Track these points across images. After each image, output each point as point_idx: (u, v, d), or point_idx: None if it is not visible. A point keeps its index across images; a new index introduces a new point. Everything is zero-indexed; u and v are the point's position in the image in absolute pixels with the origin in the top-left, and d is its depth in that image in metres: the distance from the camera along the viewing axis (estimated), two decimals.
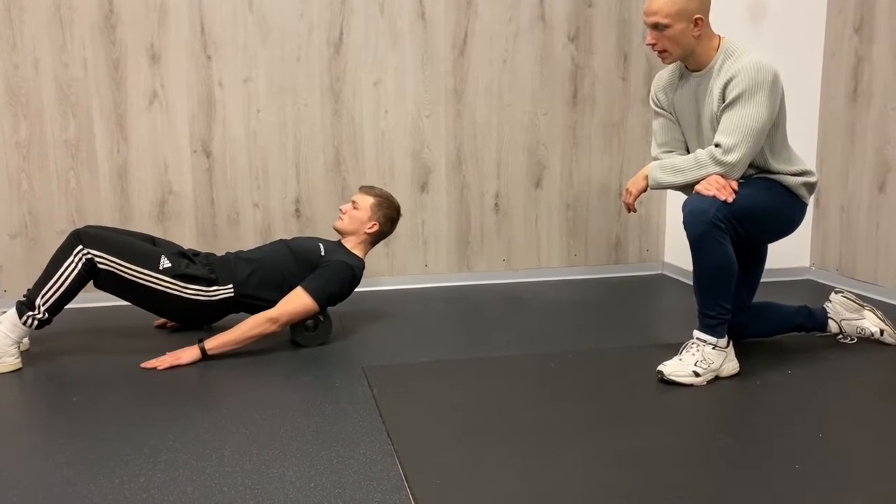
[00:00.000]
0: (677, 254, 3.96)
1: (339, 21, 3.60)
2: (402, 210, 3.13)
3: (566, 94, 3.87)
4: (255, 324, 2.65)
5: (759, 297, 2.72)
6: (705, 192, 2.32)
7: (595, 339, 2.93)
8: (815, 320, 2.73)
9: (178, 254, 2.80)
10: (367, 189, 3.02)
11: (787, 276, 3.85)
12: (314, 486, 1.76)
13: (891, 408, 2.20)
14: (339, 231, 2.98)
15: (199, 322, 2.85)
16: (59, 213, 3.46)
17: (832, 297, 2.77)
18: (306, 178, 3.68)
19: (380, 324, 3.13)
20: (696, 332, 2.42)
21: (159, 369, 2.56)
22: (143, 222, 3.53)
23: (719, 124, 2.37)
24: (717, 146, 2.34)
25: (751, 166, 2.43)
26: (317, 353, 2.73)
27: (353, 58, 3.64)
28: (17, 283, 3.45)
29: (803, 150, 2.66)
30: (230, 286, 2.76)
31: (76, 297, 2.62)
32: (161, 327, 3.08)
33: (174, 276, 2.66)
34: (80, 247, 2.56)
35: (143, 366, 2.58)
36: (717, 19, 2.56)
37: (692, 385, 2.36)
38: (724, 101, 2.35)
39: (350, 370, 2.55)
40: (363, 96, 3.67)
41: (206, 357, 2.62)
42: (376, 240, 3.01)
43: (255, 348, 2.71)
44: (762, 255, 2.66)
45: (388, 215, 2.98)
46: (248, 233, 3.65)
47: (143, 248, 2.69)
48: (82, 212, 3.48)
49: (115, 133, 3.47)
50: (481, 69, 3.76)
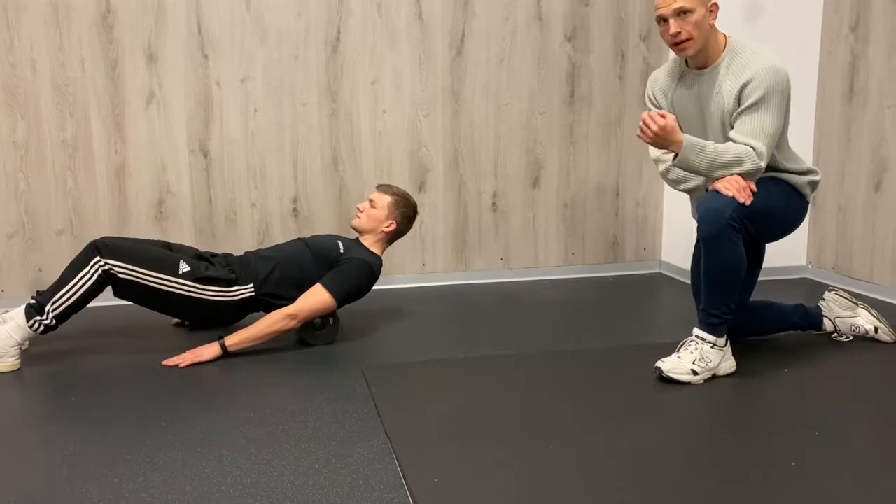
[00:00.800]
0: (674, 253, 3.97)
1: (336, 21, 3.60)
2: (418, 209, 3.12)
3: (563, 94, 3.88)
4: (274, 320, 2.67)
5: (756, 296, 2.73)
6: (725, 192, 2.31)
7: (592, 338, 2.94)
8: (810, 319, 2.74)
9: (197, 257, 2.80)
10: (384, 187, 3.02)
11: (784, 275, 3.86)
12: (312, 485, 1.76)
13: (887, 405, 2.21)
14: (356, 229, 2.99)
15: (220, 323, 2.83)
16: (56, 213, 3.46)
17: (826, 295, 2.79)
18: (304, 178, 3.68)
19: (378, 323, 3.14)
20: (696, 330, 2.43)
21: (181, 366, 2.58)
22: (140, 222, 3.54)
23: (736, 123, 2.35)
24: (749, 147, 2.32)
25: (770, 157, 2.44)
26: (315, 353, 2.74)
27: (350, 57, 3.64)
28: (14, 282, 3.45)
29: (800, 148, 2.67)
30: (251, 285, 2.76)
31: None
32: (179, 325, 3.09)
33: (194, 280, 2.66)
34: (98, 258, 2.56)
35: (164, 363, 2.59)
36: None
37: (689, 383, 2.36)
38: (739, 103, 2.34)
39: (348, 369, 2.56)
40: (361, 96, 3.68)
41: (226, 354, 2.64)
42: (393, 238, 3.02)
43: (253, 348, 2.72)
44: (761, 255, 2.67)
45: (406, 213, 2.99)
46: (245, 232, 3.65)
47: (161, 254, 2.69)
48: (80, 211, 3.48)
49: (113, 133, 3.47)
50: (478, 68, 3.77)
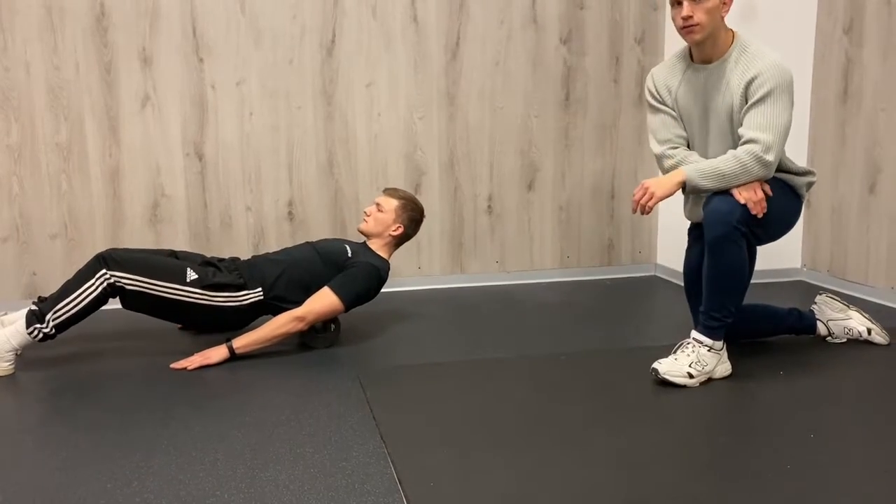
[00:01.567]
0: (669, 256, 3.98)
1: (331, 24, 3.60)
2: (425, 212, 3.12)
3: (558, 97, 3.88)
4: (282, 322, 2.67)
5: (751, 299, 2.74)
6: (740, 199, 2.29)
7: (588, 340, 2.94)
8: (804, 322, 2.75)
9: (204, 263, 2.79)
10: (391, 191, 3.02)
11: (779, 277, 3.87)
12: (307, 490, 1.76)
13: (881, 407, 2.21)
14: (363, 233, 2.99)
15: (228, 327, 2.81)
16: (50, 217, 3.45)
17: (817, 298, 2.80)
18: (299, 181, 3.68)
19: (373, 326, 3.13)
20: (694, 333, 2.43)
21: (189, 369, 2.58)
22: (135, 225, 3.53)
23: (745, 119, 2.34)
24: (753, 142, 2.30)
25: None
26: (310, 356, 2.73)
27: (345, 60, 3.64)
28: (7, 286, 3.44)
29: (795, 151, 2.68)
30: (259, 289, 2.75)
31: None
32: (184, 328, 3.08)
33: (203, 287, 2.65)
34: (104, 271, 2.56)
35: (172, 366, 2.60)
36: None
37: (685, 386, 2.36)
38: (746, 98, 2.34)
39: (343, 373, 2.55)
40: (356, 99, 3.68)
41: (234, 356, 2.64)
42: (401, 241, 3.02)
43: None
44: (753, 257, 2.67)
45: (413, 217, 2.99)
46: (240, 236, 3.64)
47: (168, 263, 2.69)
48: (74, 215, 3.47)
49: (108, 136, 3.46)
50: (474, 71, 3.77)
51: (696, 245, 2.61)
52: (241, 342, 2.65)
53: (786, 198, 2.46)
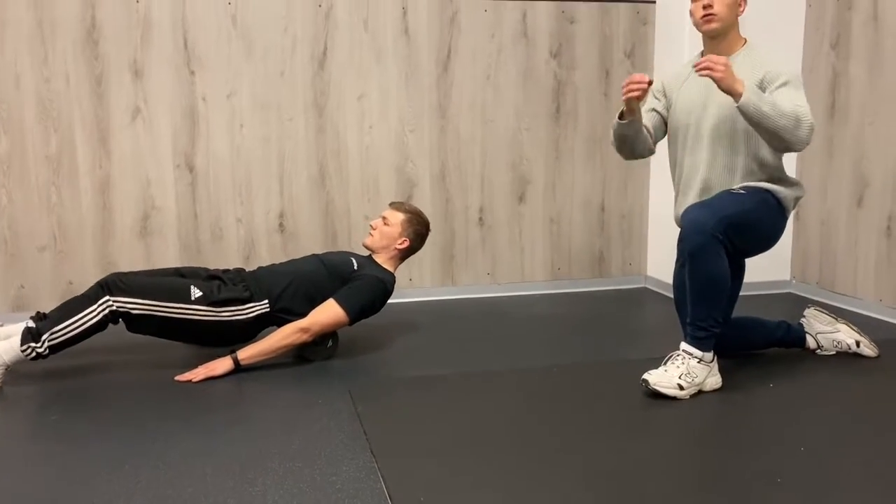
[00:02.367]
0: (660, 267, 3.99)
1: (323, 36, 3.61)
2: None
3: (549, 110, 3.90)
4: (286, 334, 2.67)
5: (741, 311, 2.75)
6: (703, 71, 2.24)
7: (579, 353, 2.94)
8: (793, 335, 2.76)
9: (208, 278, 2.78)
10: (396, 205, 3.02)
11: (769, 290, 3.89)
12: None
13: (872, 420, 2.22)
14: (369, 247, 2.98)
15: (235, 341, 2.79)
16: (39, 229, 3.43)
17: (806, 312, 2.82)
18: (290, 193, 3.67)
19: (363, 338, 3.12)
20: (683, 345, 2.43)
21: (193, 381, 2.57)
22: (125, 238, 3.51)
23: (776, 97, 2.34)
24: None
25: (762, 166, 2.48)
26: (300, 370, 2.72)
27: (337, 73, 3.65)
28: None
29: (783, 163, 2.70)
30: (265, 301, 2.74)
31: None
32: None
33: (209, 304, 2.64)
34: (107, 297, 2.54)
35: (177, 378, 2.59)
36: (697, 35, 2.60)
37: (675, 398, 2.37)
38: (770, 84, 2.39)
39: (333, 386, 2.54)
40: (347, 111, 3.68)
41: (238, 368, 2.64)
42: (406, 255, 3.01)
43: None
44: (741, 269, 2.69)
45: (419, 231, 2.99)
46: (231, 248, 3.63)
47: (171, 283, 2.67)
48: (63, 227, 3.45)
49: (98, 148, 3.45)
50: (465, 84, 3.79)
51: None
52: (246, 354, 2.65)
53: (769, 211, 2.48)
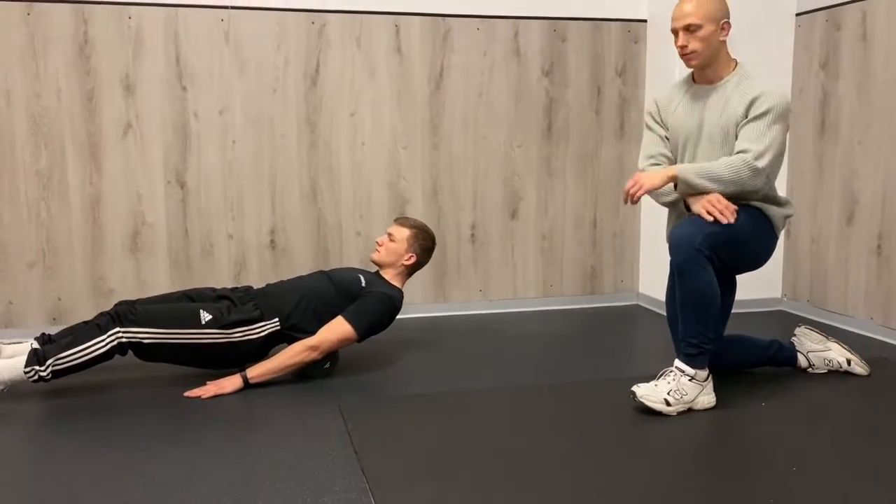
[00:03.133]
0: (652, 285, 3.99)
1: (315, 53, 3.62)
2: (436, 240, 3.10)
3: (541, 127, 3.91)
4: (296, 352, 2.67)
5: (732, 329, 2.75)
6: (707, 215, 2.33)
7: (571, 371, 2.93)
8: (785, 354, 2.76)
9: (217, 298, 2.78)
10: (402, 220, 3.03)
11: (760, 307, 3.89)
12: None
13: (863, 439, 2.22)
14: (376, 263, 2.98)
15: (247, 360, 2.76)
16: (28, 244, 3.41)
17: (797, 330, 2.82)
18: (281, 209, 3.66)
19: (354, 356, 3.10)
20: (676, 362, 2.43)
21: (203, 398, 2.57)
22: (115, 254, 3.49)
23: (741, 132, 2.41)
24: (745, 151, 2.36)
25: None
26: (291, 388, 2.70)
27: (329, 89, 3.65)
28: None
29: (775, 182, 2.73)
30: (276, 319, 2.73)
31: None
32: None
33: (220, 327, 2.64)
34: (117, 329, 2.53)
35: (186, 394, 2.59)
36: None
37: (661, 413, 2.36)
38: (747, 115, 2.41)
39: (324, 405, 2.52)
40: (340, 128, 3.68)
41: (247, 386, 2.62)
42: (413, 270, 3.01)
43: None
44: (732, 286, 2.69)
45: (425, 246, 2.99)
46: (222, 264, 3.61)
47: (180, 309, 2.67)
48: (53, 243, 3.43)
49: (88, 164, 3.43)
50: (457, 102, 3.80)
51: None
52: (256, 372, 2.65)
53: (758, 228, 2.49)
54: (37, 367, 2.47)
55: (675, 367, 2.42)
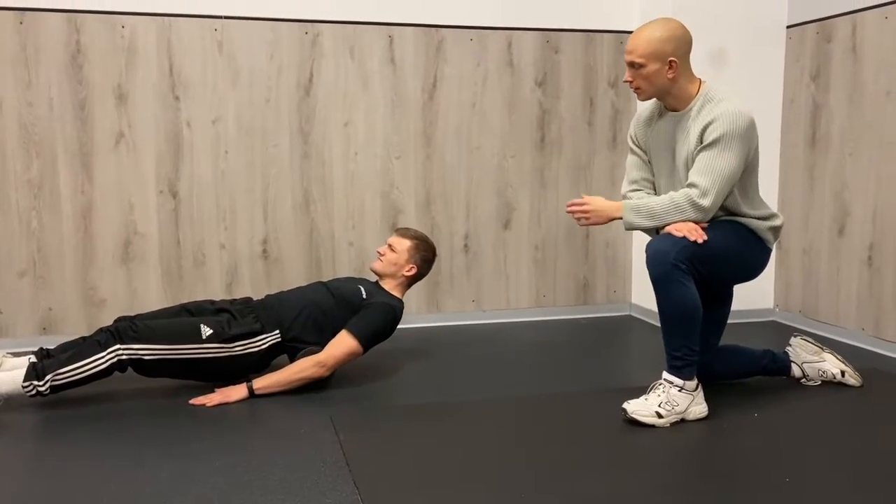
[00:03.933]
0: (644, 295, 3.99)
1: (308, 64, 3.62)
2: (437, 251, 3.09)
3: (534, 138, 3.92)
4: (303, 367, 2.67)
5: (724, 339, 2.75)
6: (676, 233, 2.35)
7: (564, 381, 2.93)
8: (778, 364, 2.76)
9: (217, 311, 2.77)
10: (402, 231, 3.03)
11: (752, 318, 3.90)
12: None
13: (856, 451, 2.22)
14: (376, 273, 2.98)
15: (249, 372, 2.75)
16: (19, 254, 3.39)
17: (792, 340, 2.82)
18: (274, 219, 3.66)
19: (347, 367, 3.08)
20: (664, 373, 2.43)
21: (207, 406, 2.57)
22: (106, 263, 3.47)
23: (695, 160, 2.41)
24: (692, 186, 2.37)
25: (721, 208, 2.46)
26: (283, 398, 2.68)
27: (322, 99, 3.65)
28: None
29: (765, 194, 2.72)
30: (277, 331, 2.73)
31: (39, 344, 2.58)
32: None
33: (221, 341, 2.63)
34: (117, 346, 2.52)
35: (192, 402, 2.58)
36: None
37: (654, 426, 2.36)
38: (701, 143, 2.40)
39: (316, 416, 2.51)
40: (333, 138, 3.68)
41: (252, 396, 2.63)
42: (414, 281, 3.01)
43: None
44: (727, 296, 2.69)
45: (426, 257, 2.99)
46: (213, 274, 3.60)
47: (181, 324, 2.66)
48: (44, 252, 3.41)
49: (80, 173, 3.42)
50: (450, 112, 3.80)
51: None
52: (262, 383, 2.65)
53: (741, 239, 2.48)
54: (35, 382, 2.46)
55: (664, 379, 2.42)
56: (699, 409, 2.44)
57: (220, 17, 3.50)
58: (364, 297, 2.86)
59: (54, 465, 2.12)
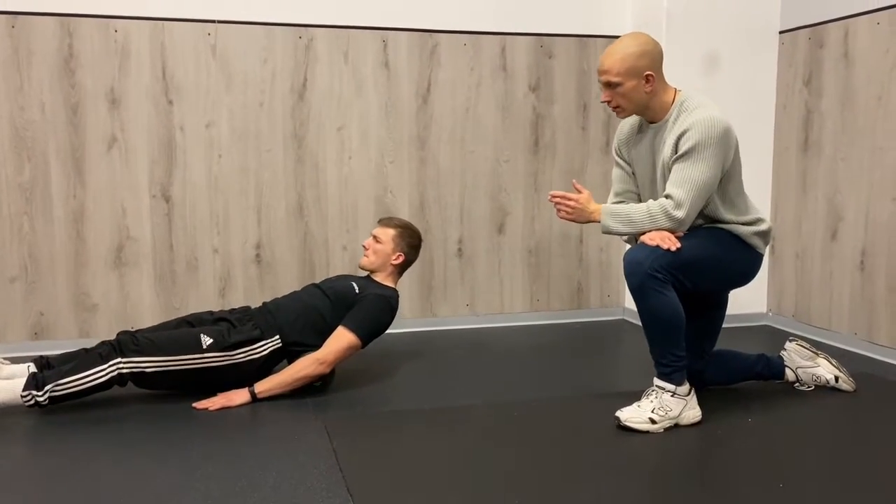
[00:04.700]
0: None
1: (303, 68, 3.62)
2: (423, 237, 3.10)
3: (528, 142, 3.93)
4: (303, 366, 2.68)
5: (717, 344, 2.75)
6: (649, 242, 2.35)
7: (557, 386, 2.92)
8: (772, 368, 2.77)
9: (216, 321, 2.78)
10: (385, 221, 3.04)
11: (745, 322, 3.91)
12: None
13: (849, 456, 2.22)
14: (365, 268, 2.99)
15: (252, 379, 2.73)
16: (10, 259, 3.37)
17: (787, 345, 2.82)
18: (267, 224, 3.65)
19: (340, 372, 3.08)
20: (656, 379, 2.43)
21: (210, 410, 2.57)
22: (98, 268, 3.46)
23: (670, 174, 2.41)
24: (668, 198, 2.37)
25: (701, 216, 2.46)
26: (275, 404, 2.67)
27: (316, 104, 3.65)
28: None
29: (757, 199, 2.73)
30: (277, 337, 2.74)
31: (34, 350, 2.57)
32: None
33: (222, 350, 2.63)
34: (118, 359, 2.52)
35: (195, 406, 2.58)
36: (671, 71, 2.63)
37: (648, 432, 2.36)
38: (676, 152, 2.40)
39: (310, 421, 2.50)
40: (327, 142, 3.68)
41: (255, 400, 2.63)
42: (404, 269, 3.02)
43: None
44: (721, 302, 2.68)
45: (412, 243, 3.00)
46: (207, 278, 3.59)
47: (181, 335, 2.66)
48: (35, 257, 3.39)
49: (72, 177, 3.41)
50: (444, 117, 3.81)
51: None
52: (264, 386, 2.65)
53: (724, 245, 2.47)
54: (34, 392, 2.45)
55: (656, 385, 2.42)
56: (693, 413, 2.44)
57: (213, 21, 3.50)
58: (357, 291, 2.86)
59: (46, 472, 2.10)
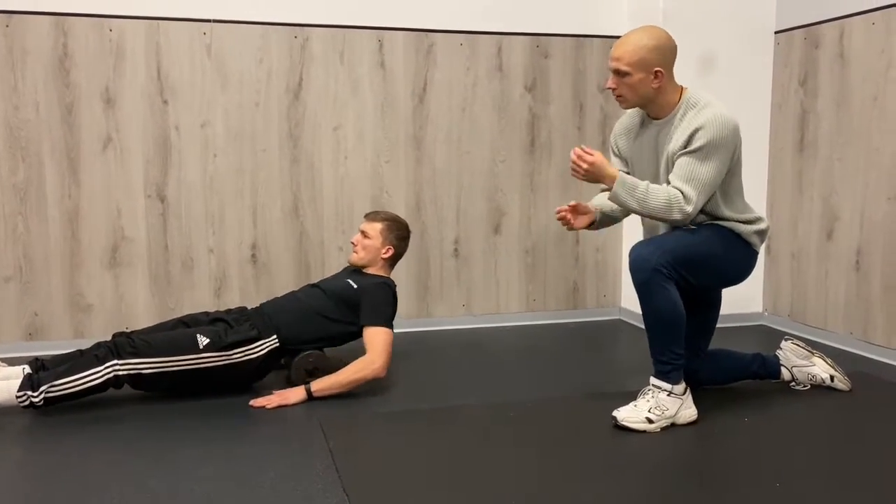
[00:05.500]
0: (634, 300, 3.98)
1: (298, 68, 3.61)
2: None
3: (524, 142, 3.93)
4: (359, 367, 2.70)
5: (713, 344, 2.76)
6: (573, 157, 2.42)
7: (554, 386, 2.92)
8: (768, 368, 2.77)
9: (212, 321, 2.77)
10: (371, 215, 3.05)
11: (741, 322, 3.91)
12: None
13: (845, 455, 2.22)
14: (355, 264, 3.00)
15: (250, 380, 2.75)
16: (5, 259, 3.35)
17: (783, 344, 2.82)
18: (263, 224, 3.64)
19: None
20: (652, 379, 2.43)
21: (267, 408, 2.58)
22: (93, 268, 3.44)
23: (675, 165, 2.40)
24: (679, 191, 2.35)
25: (702, 212, 2.46)
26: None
27: (312, 104, 3.64)
28: None
29: (754, 199, 2.74)
30: (274, 336, 2.74)
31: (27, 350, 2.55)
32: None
33: (218, 350, 2.63)
34: (114, 361, 2.51)
35: (251, 404, 2.60)
36: None
37: (645, 432, 2.36)
38: (686, 146, 2.38)
39: (305, 422, 2.49)
40: (322, 142, 3.67)
41: (310, 398, 2.63)
42: (394, 261, 3.04)
43: (208, 400, 2.64)
44: (716, 301, 2.70)
45: (400, 235, 3.02)
46: (202, 278, 3.58)
47: (177, 336, 2.66)
48: (30, 257, 3.38)
49: (67, 177, 3.39)
50: (440, 117, 3.80)
51: None
52: (320, 385, 2.66)
53: (725, 243, 2.48)
54: (29, 393, 2.44)
55: (652, 385, 2.42)
56: (689, 413, 2.44)
57: (208, 20, 3.49)
58: (355, 287, 2.87)
59: (41, 472, 2.09)
